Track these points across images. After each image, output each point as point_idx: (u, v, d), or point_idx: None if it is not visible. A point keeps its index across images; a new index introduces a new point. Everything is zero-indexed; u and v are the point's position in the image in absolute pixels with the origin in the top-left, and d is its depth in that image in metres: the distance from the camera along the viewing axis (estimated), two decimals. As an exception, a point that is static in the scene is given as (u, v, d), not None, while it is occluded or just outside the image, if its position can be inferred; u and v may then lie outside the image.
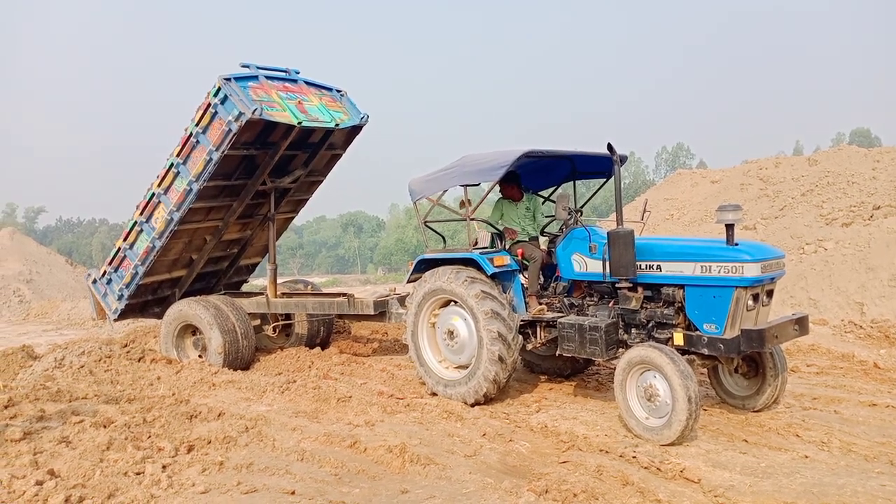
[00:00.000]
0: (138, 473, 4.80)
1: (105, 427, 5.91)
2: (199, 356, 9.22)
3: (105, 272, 9.65)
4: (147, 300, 9.95)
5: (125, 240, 9.29)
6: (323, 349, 9.94)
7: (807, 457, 5.11)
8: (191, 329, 9.29)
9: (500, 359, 6.47)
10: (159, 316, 9.75)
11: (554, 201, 7.91)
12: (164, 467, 4.90)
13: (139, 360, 9.33)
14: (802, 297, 11.51)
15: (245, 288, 11.62)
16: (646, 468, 4.96)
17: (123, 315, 9.84)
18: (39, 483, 4.58)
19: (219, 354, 8.74)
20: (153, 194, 8.86)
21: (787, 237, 14.00)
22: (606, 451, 5.33)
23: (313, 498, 4.42)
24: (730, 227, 5.65)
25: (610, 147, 6.24)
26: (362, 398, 6.97)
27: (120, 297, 9.55)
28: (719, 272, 5.61)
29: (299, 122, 8.50)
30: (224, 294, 10.14)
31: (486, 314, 6.46)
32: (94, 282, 9.91)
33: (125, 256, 9.35)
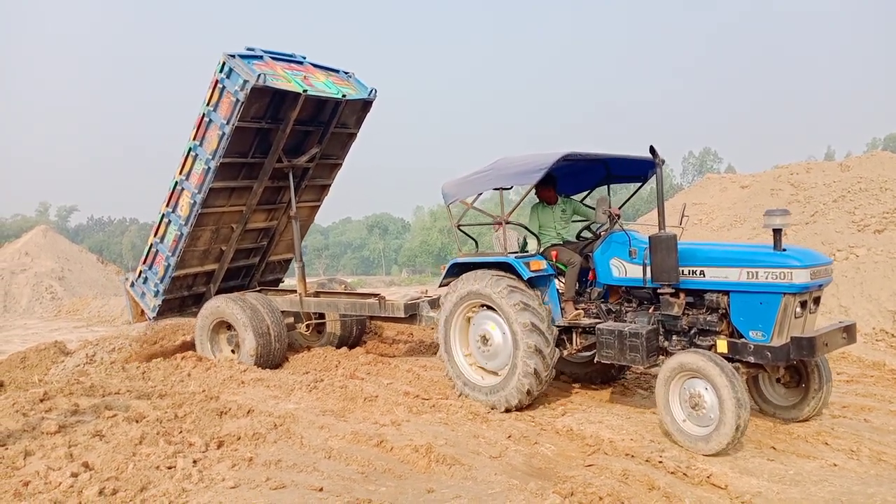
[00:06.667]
0: (170, 467, 4.89)
1: (137, 422, 6.04)
2: (232, 351, 9.35)
3: (140, 272, 9.83)
4: (183, 296, 10.08)
5: (155, 235, 9.48)
6: (354, 349, 10.00)
7: (836, 465, 5.06)
8: (226, 324, 9.37)
9: (536, 373, 6.38)
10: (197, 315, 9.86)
11: (588, 206, 7.77)
12: (194, 462, 4.99)
13: (169, 357, 9.49)
14: (833, 304, 11.35)
15: (281, 287, 11.67)
16: (672, 473, 4.94)
17: (162, 313, 9.96)
18: (74, 475, 4.70)
19: (251, 356, 8.84)
20: (176, 183, 9.06)
21: (818, 243, 13.79)
22: (632, 456, 5.32)
23: (340, 495, 4.47)
24: (777, 232, 5.45)
25: (652, 150, 6.08)
26: (388, 398, 7.02)
27: (156, 294, 9.69)
28: (767, 278, 5.44)
29: (304, 91, 8.61)
30: (259, 291, 10.23)
31: (524, 326, 6.35)
32: (132, 285, 10.08)
33: (157, 251, 9.52)
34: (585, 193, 8.10)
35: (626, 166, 7.37)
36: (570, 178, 7.75)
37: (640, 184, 7.56)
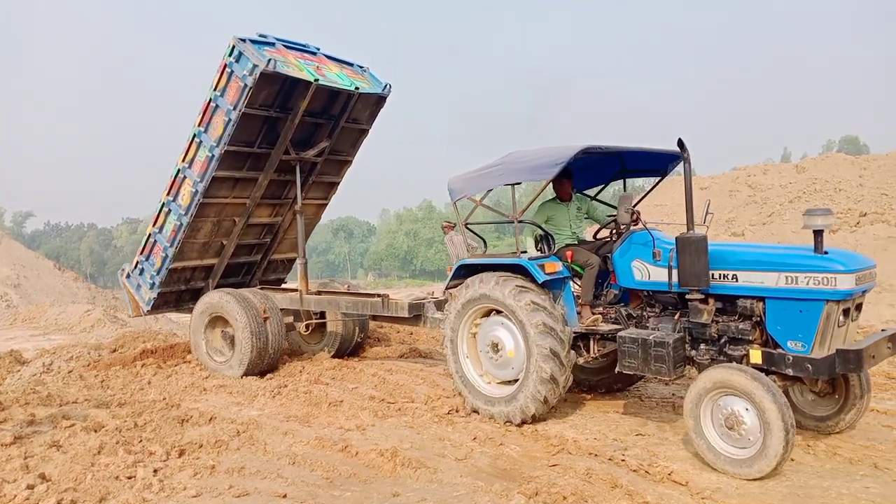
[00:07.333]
0: (130, 477, 4.82)
1: (96, 431, 5.93)
2: (222, 340, 9.14)
3: (137, 262, 9.55)
4: (180, 291, 9.80)
5: (154, 224, 9.21)
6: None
7: (793, 460, 5.16)
8: (222, 320, 9.01)
9: (553, 378, 5.90)
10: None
11: (603, 203, 7.45)
12: (155, 471, 4.92)
13: (129, 365, 9.32)
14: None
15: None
16: (634, 471, 5.01)
17: (157, 307, 9.64)
18: (31, 487, 4.61)
19: (238, 374, 8.60)
20: (178, 170, 8.82)
21: (774, 243, 14.11)
22: (595, 455, 5.37)
23: (305, 501, 4.45)
24: (818, 234, 5.01)
25: (680, 143, 5.64)
26: (353, 402, 6.99)
27: (152, 286, 9.41)
28: (808, 284, 4.98)
29: (315, 80, 8.37)
30: (261, 288, 9.94)
31: (537, 328, 5.88)
32: (128, 276, 9.80)
33: (155, 241, 9.24)
34: (598, 189, 7.60)
35: (643, 160, 6.88)
36: (581, 172, 7.17)
37: (659, 178, 7.11)
